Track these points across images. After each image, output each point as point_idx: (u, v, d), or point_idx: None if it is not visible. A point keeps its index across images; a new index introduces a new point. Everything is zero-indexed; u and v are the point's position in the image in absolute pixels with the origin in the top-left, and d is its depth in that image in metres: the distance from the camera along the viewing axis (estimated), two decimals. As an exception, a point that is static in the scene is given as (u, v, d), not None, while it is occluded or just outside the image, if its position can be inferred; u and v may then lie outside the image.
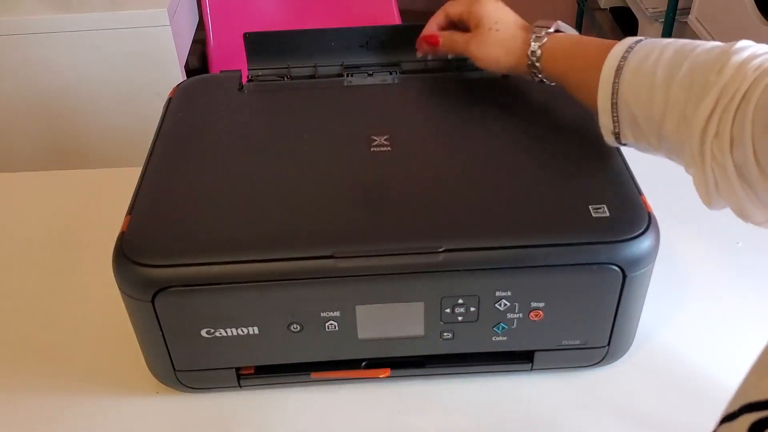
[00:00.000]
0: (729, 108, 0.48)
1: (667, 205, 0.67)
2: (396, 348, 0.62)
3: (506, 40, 0.69)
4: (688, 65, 0.52)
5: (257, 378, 0.64)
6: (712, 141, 0.49)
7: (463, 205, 0.59)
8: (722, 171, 0.49)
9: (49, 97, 1.58)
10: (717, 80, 0.49)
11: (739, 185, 0.49)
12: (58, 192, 0.92)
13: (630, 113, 0.56)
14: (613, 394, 0.65)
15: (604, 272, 0.57)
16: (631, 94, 0.56)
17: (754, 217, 0.50)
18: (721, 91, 0.49)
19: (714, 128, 0.49)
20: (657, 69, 0.54)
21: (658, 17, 2.09)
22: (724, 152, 0.49)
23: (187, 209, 0.60)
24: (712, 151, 0.50)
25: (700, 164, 0.51)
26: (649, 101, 0.54)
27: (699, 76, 0.51)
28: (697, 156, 0.51)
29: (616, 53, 0.57)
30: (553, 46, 0.65)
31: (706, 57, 0.51)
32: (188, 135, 0.70)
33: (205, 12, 1.84)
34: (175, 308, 0.57)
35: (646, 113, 0.55)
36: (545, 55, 0.66)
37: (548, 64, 0.66)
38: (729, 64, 0.49)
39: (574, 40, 0.66)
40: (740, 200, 0.50)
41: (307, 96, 0.75)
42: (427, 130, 0.70)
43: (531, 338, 0.62)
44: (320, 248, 0.56)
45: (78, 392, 0.66)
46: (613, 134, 0.59)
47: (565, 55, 0.64)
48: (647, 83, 0.54)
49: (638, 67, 0.55)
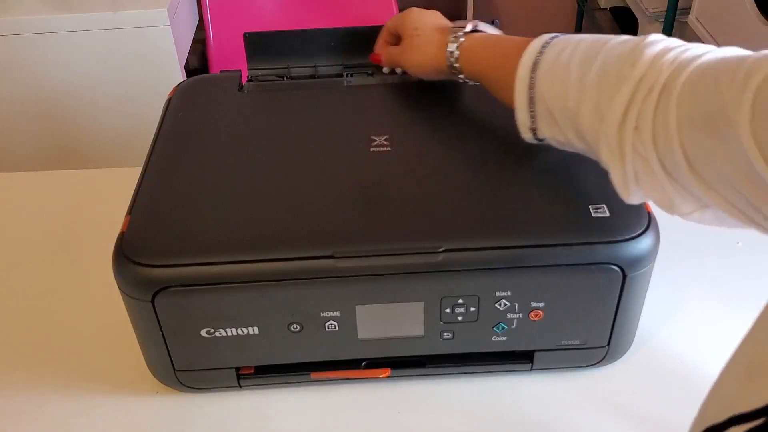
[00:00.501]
0: (648, 101, 0.48)
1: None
2: (396, 348, 0.62)
3: (425, 45, 0.70)
4: (601, 58, 0.52)
5: (257, 378, 0.64)
6: (633, 135, 0.49)
7: (463, 205, 0.59)
8: (646, 165, 0.49)
9: (49, 97, 1.58)
10: (631, 73, 0.49)
11: (665, 179, 0.48)
12: (58, 192, 0.92)
13: (546, 108, 0.56)
14: (613, 394, 0.65)
15: (604, 272, 0.57)
16: (546, 89, 0.56)
17: (681, 208, 0.50)
18: (637, 84, 0.48)
19: (633, 122, 0.48)
20: (571, 63, 0.54)
21: (658, 17, 2.09)
22: (647, 147, 0.48)
23: (187, 209, 0.60)
24: (633, 145, 0.49)
25: (618, 158, 0.50)
26: (564, 95, 0.54)
27: (612, 69, 0.51)
28: (615, 150, 0.50)
29: (533, 49, 0.57)
30: (470, 45, 0.66)
31: (620, 50, 0.51)
32: (188, 135, 0.70)
33: (205, 12, 1.84)
34: (175, 308, 0.57)
35: (561, 107, 0.55)
36: (463, 55, 0.66)
37: (467, 63, 0.66)
38: (643, 56, 0.49)
39: (492, 38, 0.66)
40: (667, 193, 0.49)
41: (307, 96, 0.75)
42: (427, 130, 0.70)
43: (531, 338, 0.62)
44: (320, 248, 0.56)
45: (78, 392, 0.66)
46: (530, 130, 0.59)
47: (483, 53, 0.65)
48: (562, 77, 0.54)
49: (553, 61, 0.55)
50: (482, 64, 0.65)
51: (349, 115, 0.72)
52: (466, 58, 0.66)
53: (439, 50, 0.68)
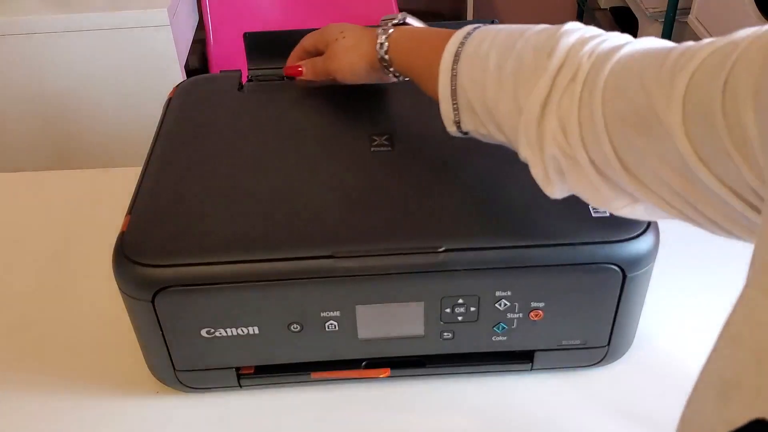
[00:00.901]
0: (568, 96, 0.46)
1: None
2: (396, 348, 0.62)
3: (354, 44, 0.69)
4: (518, 49, 0.51)
5: (257, 378, 0.64)
6: (556, 130, 0.47)
7: (463, 205, 0.59)
8: (571, 161, 0.47)
9: (49, 97, 1.58)
10: (548, 64, 0.47)
11: (596, 176, 0.46)
12: (58, 192, 0.92)
13: (467, 100, 0.55)
14: (613, 394, 0.65)
15: (604, 272, 0.57)
16: (467, 80, 0.54)
17: (613, 204, 0.48)
18: (554, 77, 0.47)
19: (553, 117, 0.47)
20: (490, 54, 0.52)
21: (658, 17, 2.09)
22: (572, 143, 0.46)
23: (187, 209, 0.60)
24: (555, 140, 0.47)
25: (537, 151, 0.49)
26: (482, 86, 0.53)
27: (529, 60, 0.49)
28: (534, 143, 0.49)
29: (456, 39, 0.56)
30: (399, 36, 0.65)
31: (536, 40, 0.50)
32: (188, 135, 0.70)
33: (205, 12, 1.84)
34: (175, 308, 0.57)
35: (480, 99, 0.53)
36: (392, 46, 0.65)
37: (396, 55, 0.65)
38: (558, 47, 0.48)
39: (420, 30, 0.65)
40: (597, 189, 0.47)
41: (307, 96, 0.75)
42: (428, 130, 0.70)
43: (531, 338, 0.62)
44: (320, 248, 0.56)
45: (78, 392, 0.66)
46: (454, 123, 0.57)
47: (411, 45, 0.63)
48: (480, 68, 0.53)
49: (474, 51, 0.54)
50: (410, 56, 0.64)
51: (349, 115, 0.72)
52: (395, 50, 0.65)
53: (369, 45, 0.66)
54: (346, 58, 0.70)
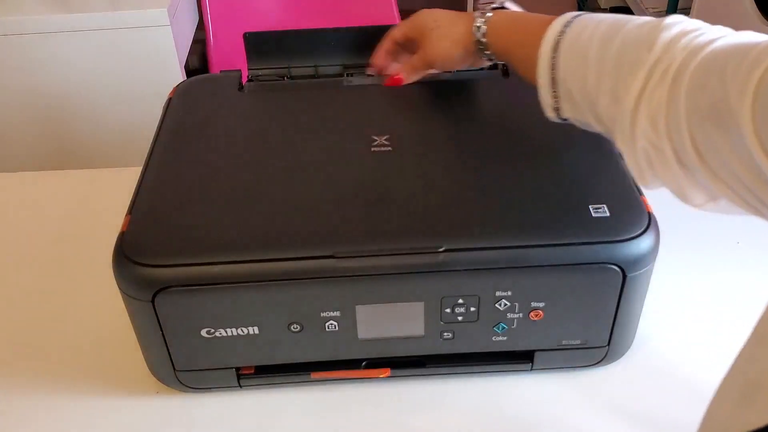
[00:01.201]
0: (660, 88, 0.47)
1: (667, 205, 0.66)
2: (396, 348, 0.62)
3: (449, 31, 0.69)
4: (619, 40, 0.51)
5: (257, 378, 0.64)
6: (646, 122, 0.48)
7: (463, 205, 0.59)
8: (659, 153, 0.48)
9: (49, 97, 1.57)
10: (647, 57, 0.48)
11: (678, 168, 0.48)
12: (58, 192, 0.92)
13: (567, 89, 0.56)
14: (613, 394, 0.65)
15: (604, 272, 0.57)
16: (567, 70, 0.55)
17: (694, 199, 0.49)
18: (651, 69, 0.48)
19: (645, 109, 0.48)
20: (591, 44, 0.53)
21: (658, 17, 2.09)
22: (660, 135, 0.47)
23: (187, 209, 0.60)
24: (645, 132, 0.48)
25: (630, 143, 0.50)
26: (583, 77, 0.53)
27: (629, 52, 0.50)
28: (627, 135, 0.50)
29: (555, 28, 0.56)
30: (497, 20, 0.65)
31: (638, 32, 0.50)
32: (188, 135, 0.70)
33: (205, 12, 1.84)
34: (175, 308, 0.57)
35: (580, 89, 0.54)
36: (490, 30, 0.65)
37: (493, 38, 0.65)
38: (659, 40, 0.48)
39: (518, 15, 0.65)
40: (679, 182, 0.49)
41: (307, 96, 0.75)
42: (428, 131, 0.70)
43: (531, 338, 0.62)
44: (320, 248, 0.56)
45: (78, 392, 0.66)
46: (553, 110, 0.59)
47: (509, 29, 0.64)
48: (581, 58, 0.54)
49: (574, 41, 0.55)
50: (508, 40, 0.64)
51: (350, 115, 0.72)
52: (492, 34, 0.65)
53: (466, 30, 0.67)
54: (442, 45, 0.70)
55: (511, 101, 0.73)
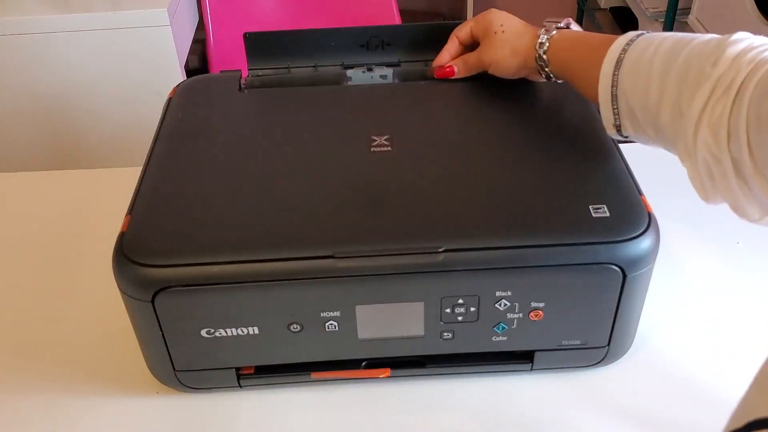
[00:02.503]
0: (723, 100, 0.48)
1: (667, 205, 0.67)
2: (396, 348, 0.62)
3: (512, 39, 0.70)
4: (684, 56, 0.52)
5: (257, 378, 0.64)
6: (707, 133, 0.49)
7: (463, 205, 0.59)
8: (718, 165, 0.49)
9: (49, 97, 1.57)
10: (712, 72, 0.49)
11: (735, 180, 0.48)
12: (58, 192, 0.92)
13: (628, 105, 0.57)
14: (613, 394, 0.65)
15: (604, 272, 0.57)
16: (629, 86, 0.56)
17: (749, 214, 0.50)
18: (716, 83, 0.48)
19: (707, 120, 0.49)
20: (654, 60, 0.54)
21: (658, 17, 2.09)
22: (720, 146, 0.48)
23: (187, 209, 0.60)
24: (706, 143, 0.49)
25: (692, 155, 0.51)
26: (645, 92, 0.54)
27: (694, 67, 0.51)
28: (690, 147, 0.51)
29: (618, 45, 0.58)
30: (560, 38, 0.67)
31: (703, 48, 0.51)
32: (188, 135, 0.70)
33: (205, 12, 1.84)
34: (175, 308, 0.57)
35: (642, 104, 0.55)
36: (552, 47, 0.67)
37: (554, 56, 0.67)
38: (725, 55, 0.49)
39: (581, 34, 0.67)
40: (736, 196, 0.49)
41: (307, 96, 0.75)
42: (428, 131, 0.70)
43: (531, 338, 0.62)
44: (320, 248, 0.56)
45: (78, 392, 0.66)
46: (614, 126, 0.60)
47: (571, 47, 0.65)
48: (644, 74, 0.55)
49: (637, 58, 0.56)
50: (568, 58, 0.65)
51: (349, 115, 0.72)
52: (554, 51, 0.67)
53: (529, 43, 0.69)
54: (501, 52, 0.71)
55: (511, 101, 0.73)
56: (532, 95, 0.74)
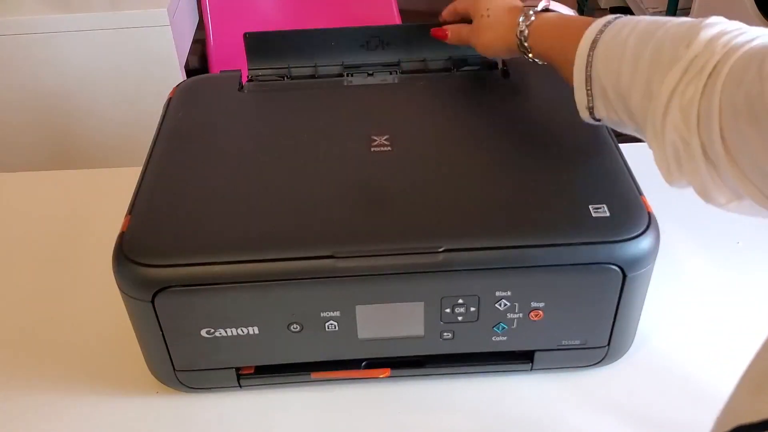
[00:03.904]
0: (695, 83, 0.47)
1: (667, 205, 0.67)
2: (396, 348, 0.62)
3: (496, 24, 0.70)
4: (658, 37, 0.52)
5: (257, 378, 0.64)
6: (677, 115, 0.48)
7: (463, 205, 0.59)
8: (687, 147, 0.49)
9: (49, 97, 1.57)
10: (684, 54, 0.48)
11: (704, 164, 0.48)
12: (58, 192, 0.92)
13: (601, 86, 0.56)
14: (613, 394, 0.65)
15: (604, 272, 0.57)
16: (602, 67, 0.56)
17: (716, 198, 0.50)
18: (688, 65, 0.48)
19: (678, 102, 0.48)
20: (628, 41, 0.54)
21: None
22: (690, 129, 0.48)
23: (187, 209, 0.60)
24: (675, 126, 0.49)
25: (660, 137, 0.50)
26: (617, 73, 0.54)
27: (667, 49, 0.50)
28: (658, 128, 0.50)
29: (595, 27, 0.57)
30: (540, 24, 0.66)
31: (676, 30, 0.51)
32: (188, 135, 0.70)
33: (205, 12, 1.84)
34: (175, 308, 0.57)
35: (614, 85, 0.55)
36: (532, 34, 0.66)
37: (535, 42, 0.66)
38: (698, 38, 0.48)
39: (561, 18, 0.66)
40: (704, 180, 0.49)
41: (307, 96, 0.75)
42: (428, 131, 0.70)
43: (531, 338, 0.62)
44: (320, 248, 0.56)
45: (78, 392, 0.66)
46: (587, 109, 0.59)
47: (551, 32, 0.65)
48: (618, 55, 0.54)
49: (612, 39, 0.55)
50: (549, 44, 0.65)
51: (349, 115, 0.72)
52: (534, 38, 0.66)
53: (509, 30, 0.68)
54: (485, 36, 0.72)
55: (511, 101, 0.73)
56: (532, 95, 0.74)
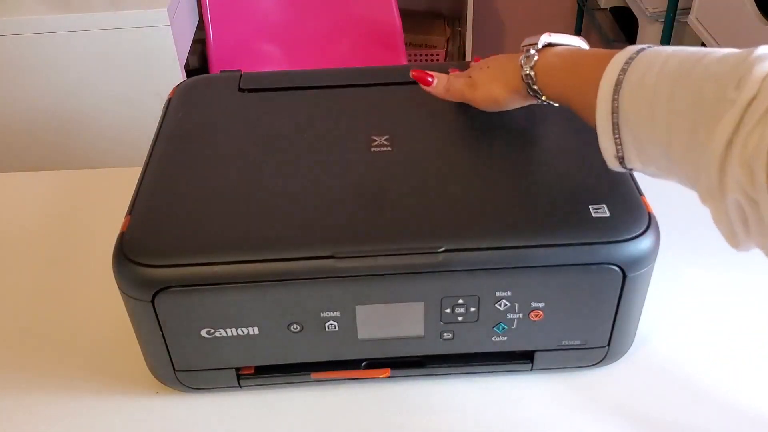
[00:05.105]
0: (757, 131, 0.40)
1: (667, 205, 0.67)
2: (396, 348, 0.62)
3: (498, 74, 0.64)
4: (696, 77, 0.44)
5: (257, 378, 0.64)
6: (738, 170, 0.41)
7: (463, 205, 0.59)
8: (754, 207, 0.41)
9: (49, 97, 1.58)
10: (737, 96, 0.41)
11: None
12: (58, 192, 0.92)
13: (633, 135, 0.49)
14: (613, 394, 0.65)
15: (604, 272, 0.57)
16: (632, 113, 0.48)
17: None
18: (744, 112, 0.40)
19: (739, 155, 0.41)
20: (659, 82, 0.46)
21: (658, 17, 2.09)
22: (757, 185, 0.40)
23: (187, 209, 0.60)
24: (738, 182, 0.41)
25: (719, 197, 0.43)
26: (651, 120, 0.47)
27: (711, 90, 0.43)
28: (715, 187, 0.43)
29: (615, 65, 0.50)
30: (546, 63, 0.59)
31: (719, 67, 0.43)
32: (188, 135, 0.70)
33: (205, 12, 1.84)
34: (175, 308, 0.57)
35: (648, 134, 0.48)
36: (540, 75, 0.59)
37: (546, 84, 0.59)
38: (752, 76, 0.41)
39: (568, 54, 0.58)
40: None
41: (307, 96, 0.75)
42: (428, 131, 0.70)
43: (531, 338, 0.62)
44: (320, 248, 0.56)
45: (78, 392, 0.66)
46: (616, 158, 0.52)
47: (561, 72, 0.58)
48: (648, 99, 0.47)
49: (639, 80, 0.48)
50: (561, 85, 0.58)
51: (349, 115, 0.72)
52: (543, 80, 0.59)
53: (514, 75, 0.61)
54: (488, 90, 0.65)
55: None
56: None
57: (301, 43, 1.95)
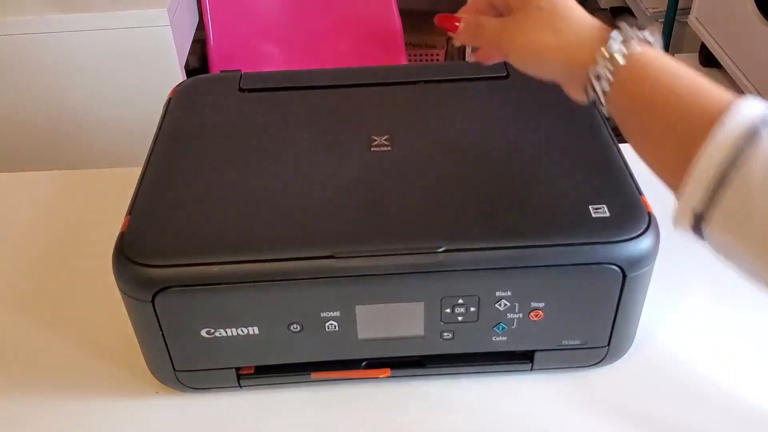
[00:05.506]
0: None
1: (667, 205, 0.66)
2: (396, 348, 0.62)
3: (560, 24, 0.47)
4: None
5: (257, 378, 0.64)
6: None
7: (463, 205, 0.59)
8: None
9: (49, 97, 1.58)
10: None
11: None
12: (58, 192, 0.92)
13: (743, 203, 0.38)
14: (613, 394, 0.64)
15: (604, 272, 0.57)
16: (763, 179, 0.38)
17: None
18: None
19: None
20: None
21: (658, 17, 2.09)
22: None
23: (187, 209, 0.60)
24: None
25: None
26: None
27: None
28: None
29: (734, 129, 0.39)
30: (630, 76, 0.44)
31: None
32: (188, 135, 0.70)
33: (205, 12, 1.84)
34: (175, 308, 0.57)
35: None
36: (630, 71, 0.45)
37: (628, 85, 0.45)
38: None
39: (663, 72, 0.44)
40: None
41: (307, 96, 0.75)
42: (428, 131, 0.70)
43: (531, 338, 0.62)
44: (320, 248, 0.56)
45: (78, 392, 0.66)
46: (693, 216, 0.41)
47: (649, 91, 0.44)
48: None
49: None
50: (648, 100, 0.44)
51: (349, 115, 0.72)
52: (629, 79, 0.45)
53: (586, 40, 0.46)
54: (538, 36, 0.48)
55: (511, 101, 0.73)
56: (532, 96, 0.74)
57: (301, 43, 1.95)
